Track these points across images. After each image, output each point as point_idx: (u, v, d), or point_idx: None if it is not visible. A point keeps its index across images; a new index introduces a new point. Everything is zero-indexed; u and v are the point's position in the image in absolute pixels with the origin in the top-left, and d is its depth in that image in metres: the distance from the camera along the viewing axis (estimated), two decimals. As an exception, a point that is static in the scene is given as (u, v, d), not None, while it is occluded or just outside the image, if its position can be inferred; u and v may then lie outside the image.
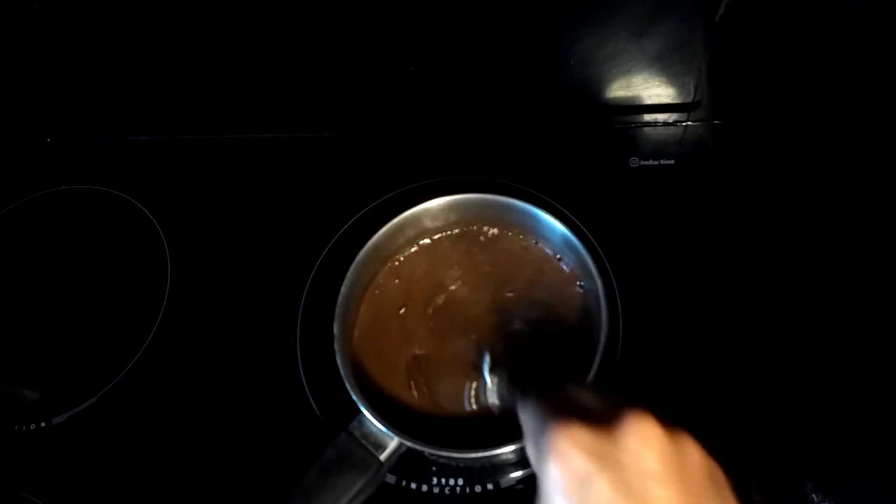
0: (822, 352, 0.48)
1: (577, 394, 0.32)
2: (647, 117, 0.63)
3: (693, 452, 0.28)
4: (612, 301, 0.49)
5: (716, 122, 0.62)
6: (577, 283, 0.47)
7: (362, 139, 0.66)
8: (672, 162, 0.60)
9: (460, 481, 0.47)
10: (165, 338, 0.55)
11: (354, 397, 0.41)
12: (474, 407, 0.44)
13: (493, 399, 0.43)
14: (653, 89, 0.61)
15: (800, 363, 0.48)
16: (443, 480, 0.47)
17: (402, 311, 0.48)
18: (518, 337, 0.45)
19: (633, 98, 0.62)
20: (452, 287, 0.48)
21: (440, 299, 0.48)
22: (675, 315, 0.52)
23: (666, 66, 0.58)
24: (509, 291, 0.48)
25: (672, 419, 0.29)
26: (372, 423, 0.40)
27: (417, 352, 0.46)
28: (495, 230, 0.50)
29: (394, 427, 0.40)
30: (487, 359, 0.43)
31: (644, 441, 0.27)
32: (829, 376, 0.47)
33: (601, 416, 0.29)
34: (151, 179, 0.65)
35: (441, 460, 0.46)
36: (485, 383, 0.43)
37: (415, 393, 0.45)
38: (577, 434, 0.28)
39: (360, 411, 0.41)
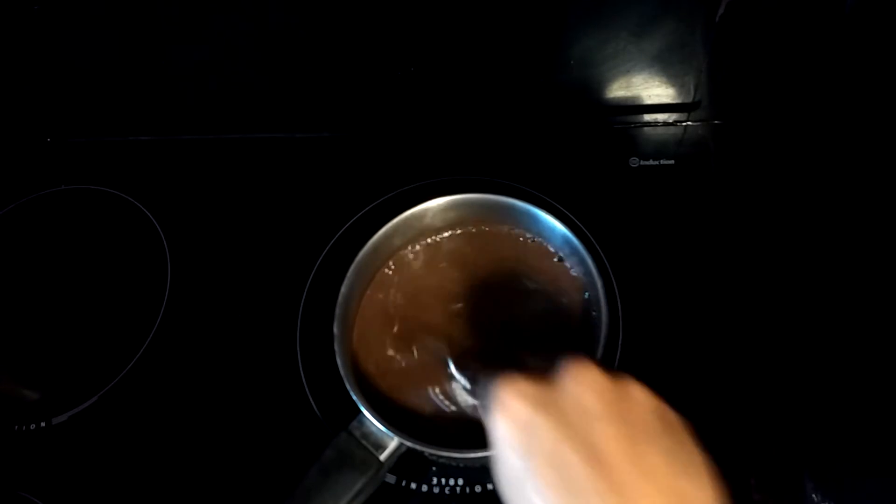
0: (822, 352, 0.48)
1: (526, 358, 0.34)
2: (647, 117, 0.63)
3: (637, 393, 0.29)
4: (611, 300, 0.49)
5: (716, 122, 0.62)
6: (577, 282, 0.47)
7: (362, 139, 0.66)
8: (672, 162, 0.60)
9: (460, 481, 0.47)
10: (165, 338, 0.55)
11: (354, 397, 0.41)
12: (453, 408, 0.44)
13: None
14: (653, 89, 0.61)
15: (800, 363, 0.48)
16: (443, 480, 0.47)
17: (403, 311, 0.48)
18: (517, 335, 0.45)
19: (633, 98, 0.62)
20: (452, 287, 0.48)
21: (440, 299, 0.48)
22: (676, 315, 0.52)
23: (666, 66, 0.58)
24: (509, 291, 0.47)
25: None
26: (372, 423, 0.40)
27: (417, 352, 0.46)
28: (495, 230, 0.50)
29: (394, 427, 0.40)
30: (453, 368, 0.44)
31: (583, 383, 0.28)
32: (829, 377, 0.47)
33: (544, 369, 0.30)
34: (151, 179, 0.65)
35: (441, 460, 0.46)
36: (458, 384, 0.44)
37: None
38: (519, 385, 0.29)
39: (360, 411, 0.41)
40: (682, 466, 0.27)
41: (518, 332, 0.46)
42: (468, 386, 0.43)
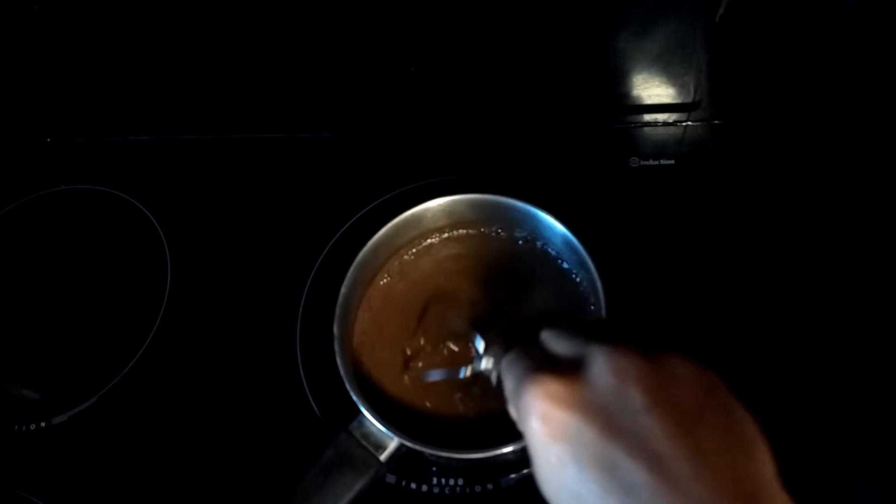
0: (822, 352, 0.48)
1: (549, 341, 0.31)
2: (648, 117, 0.63)
3: (680, 369, 0.26)
4: (612, 300, 0.49)
5: (716, 122, 0.62)
6: (578, 282, 0.47)
7: (362, 139, 0.66)
8: (672, 162, 0.60)
9: (460, 481, 0.47)
10: (165, 338, 0.55)
11: (354, 397, 0.41)
12: (461, 408, 0.43)
13: (490, 372, 0.40)
14: (653, 89, 0.61)
15: (800, 363, 0.48)
16: (443, 480, 0.47)
17: (403, 311, 0.48)
18: (516, 332, 0.45)
19: (633, 98, 0.62)
20: (453, 287, 0.48)
21: (440, 299, 0.48)
22: (675, 315, 0.52)
23: (666, 66, 0.58)
24: (509, 291, 0.47)
25: (655, 338, 0.27)
26: (372, 423, 0.40)
27: (415, 352, 0.46)
28: (495, 230, 0.50)
29: (394, 427, 0.40)
30: (480, 341, 0.41)
31: (620, 374, 0.26)
32: (829, 376, 0.47)
33: (573, 360, 0.28)
34: (151, 179, 0.65)
35: (441, 460, 0.46)
36: (479, 362, 0.40)
37: (410, 386, 0.45)
38: (550, 387, 0.27)
39: (360, 411, 0.41)
40: (736, 441, 0.25)
41: (517, 329, 0.46)
42: (489, 366, 0.40)
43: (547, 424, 0.26)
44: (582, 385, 0.26)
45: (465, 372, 0.42)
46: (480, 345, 0.41)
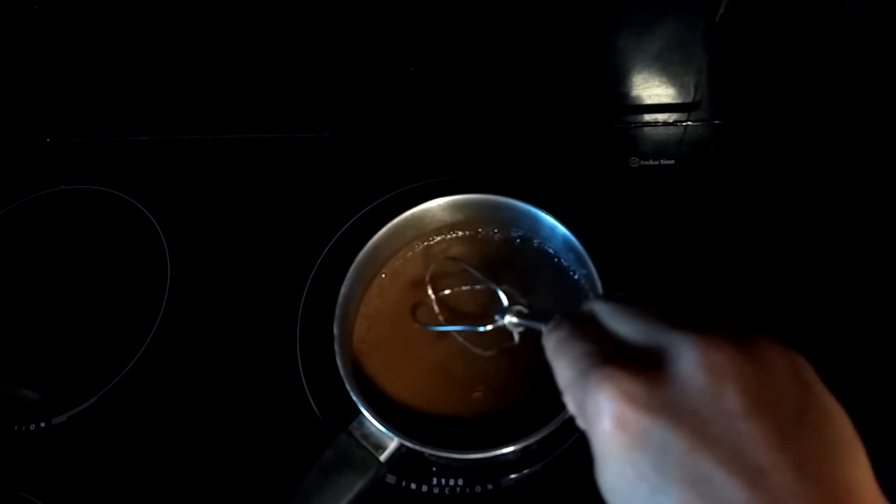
0: (822, 351, 0.48)
1: (611, 320, 0.26)
2: (648, 117, 0.63)
3: (777, 361, 0.23)
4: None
5: (716, 122, 0.62)
6: (577, 282, 0.47)
7: (362, 139, 0.66)
8: (672, 162, 0.60)
9: (460, 481, 0.47)
10: (165, 338, 0.55)
11: (354, 397, 0.41)
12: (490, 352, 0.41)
13: (513, 328, 0.38)
14: (653, 89, 0.61)
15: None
16: (443, 480, 0.47)
17: (403, 311, 0.48)
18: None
19: (633, 98, 0.62)
20: (453, 287, 0.48)
21: (440, 299, 0.48)
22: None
23: (666, 65, 0.58)
24: (509, 291, 0.47)
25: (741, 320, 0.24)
26: (372, 423, 0.40)
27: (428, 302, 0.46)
28: (495, 230, 0.50)
29: (394, 427, 0.40)
30: (502, 294, 0.38)
31: (714, 372, 0.22)
32: (828, 376, 0.47)
33: (651, 349, 0.24)
34: (151, 179, 0.65)
35: (441, 460, 0.46)
36: (501, 317, 0.37)
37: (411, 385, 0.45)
38: (628, 385, 0.23)
39: (360, 411, 0.41)
40: (839, 446, 0.22)
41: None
42: (513, 320, 0.37)
43: (624, 430, 0.23)
44: (667, 384, 0.23)
45: (486, 327, 0.39)
46: (504, 299, 0.38)
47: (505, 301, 0.38)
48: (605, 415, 0.23)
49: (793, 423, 0.22)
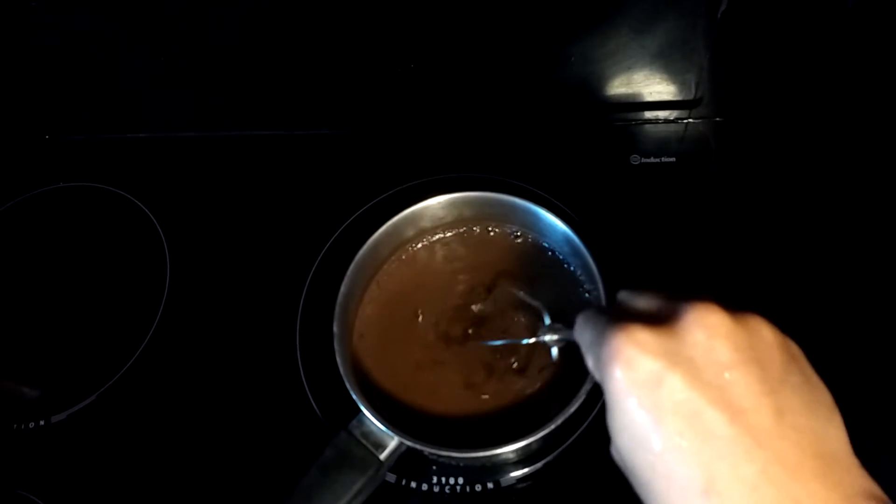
0: (822, 351, 0.48)
1: (630, 299, 0.31)
2: (649, 114, 0.63)
3: (765, 332, 0.27)
4: (612, 299, 0.49)
5: (717, 119, 0.62)
6: (578, 280, 0.47)
7: (362, 136, 0.65)
8: (673, 159, 0.60)
9: (460, 480, 0.47)
10: (164, 336, 0.55)
11: (354, 397, 0.41)
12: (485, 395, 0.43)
13: (551, 340, 0.41)
14: (654, 86, 0.60)
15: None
16: (443, 479, 0.47)
17: (402, 309, 0.48)
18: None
19: (634, 95, 0.61)
20: (453, 286, 0.48)
21: (440, 298, 0.48)
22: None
23: (667, 62, 0.58)
24: (510, 290, 0.47)
25: (736, 302, 0.28)
26: (372, 422, 0.40)
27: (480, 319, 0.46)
28: (496, 228, 0.50)
29: (394, 427, 0.40)
30: (546, 313, 0.43)
31: (709, 330, 0.26)
32: (828, 374, 0.47)
33: (660, 314, 0.28)
34: (150, 177, 0.65)
35: (441, 460, 0.46)
36: (544, 333, 0.41)
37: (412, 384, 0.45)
38: (638, 335, 0.27)
39: (360, 411, 0.41)
40: (817, 408, 0.26)
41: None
42: (554, 337, 0.40)
43: (631, 370, 0.26)
44: (669, 335, 0.27)
45: (528, 340, 0.43)
46: (547, 317, 0.42)
47: (547, 320, 0.42)
48: (617, 358, 0.27)
49: (776, 380, 0.25)
